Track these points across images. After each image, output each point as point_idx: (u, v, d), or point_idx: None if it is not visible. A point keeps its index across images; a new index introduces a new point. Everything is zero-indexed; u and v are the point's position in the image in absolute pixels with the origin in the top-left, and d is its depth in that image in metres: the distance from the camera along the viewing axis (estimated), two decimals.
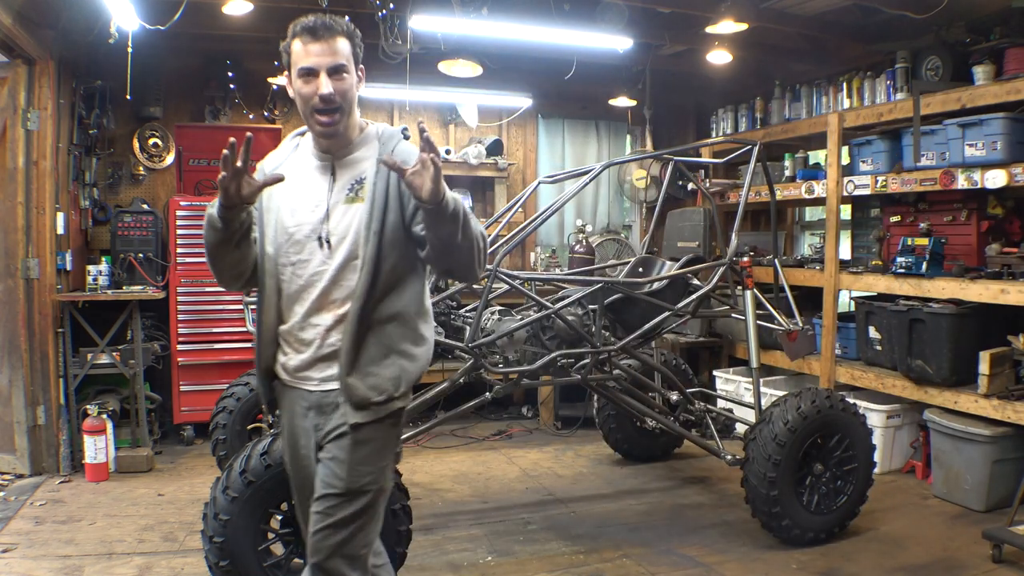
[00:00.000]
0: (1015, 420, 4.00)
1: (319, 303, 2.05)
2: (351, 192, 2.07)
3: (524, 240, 4.44)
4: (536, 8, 4.90)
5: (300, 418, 2.12)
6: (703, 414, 4.52)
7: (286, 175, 2.02)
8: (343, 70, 2.05)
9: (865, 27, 5.41)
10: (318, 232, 2.05)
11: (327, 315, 2.05)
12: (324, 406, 2.08)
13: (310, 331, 2.07)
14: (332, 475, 2.03)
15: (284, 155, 2.19)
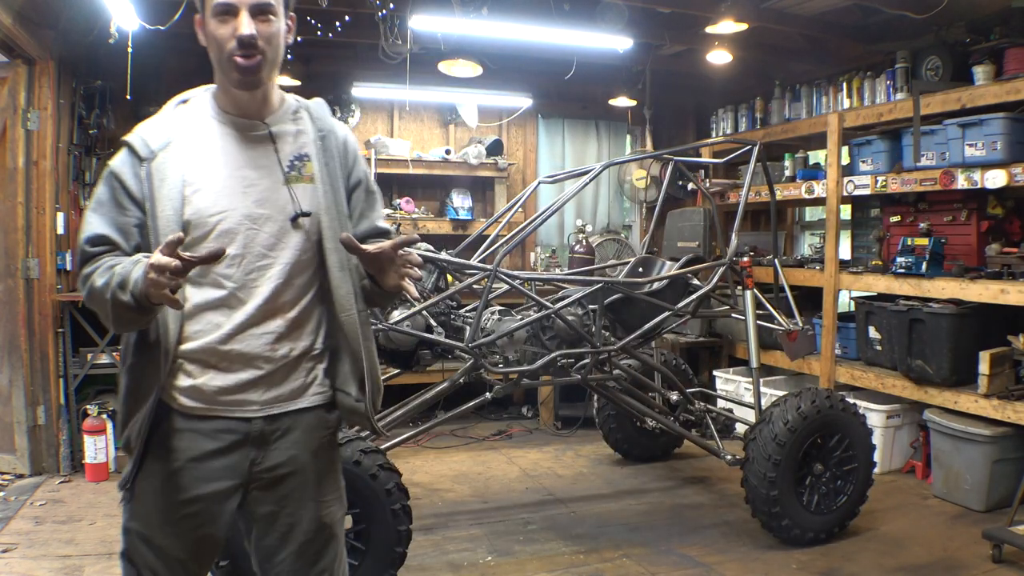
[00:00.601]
0: (1015, 420, 4.00)
1: (267, 308, 1.68)
2: (292, 170, 1.72)
3: (524, 240, 4.44)
4: (536, 8, 4.90)
5: (211, 458, 1.67)
6: (703, 414, 4.52)
7: (187, 153, 1.65)
8: (270, 11, 1.64)
9: (865, 27, 5.41)
10: (257, 219, 1.67)
11: (278, 321, 1.70)
12: (268, 435, 1.70)
13: (251, 343, 1.67)
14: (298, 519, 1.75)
15: (172, 127, 1.68)
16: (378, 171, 6.10)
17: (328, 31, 5.08)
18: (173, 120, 1.70)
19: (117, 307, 1.51)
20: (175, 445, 1.67)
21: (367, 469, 2.91)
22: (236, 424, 1.68)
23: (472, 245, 4.57)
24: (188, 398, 1.67)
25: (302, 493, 1.76)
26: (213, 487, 1.67)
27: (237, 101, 1.70)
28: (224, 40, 1.62)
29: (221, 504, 1.69)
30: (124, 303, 1.49)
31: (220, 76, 1.69)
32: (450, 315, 3.89)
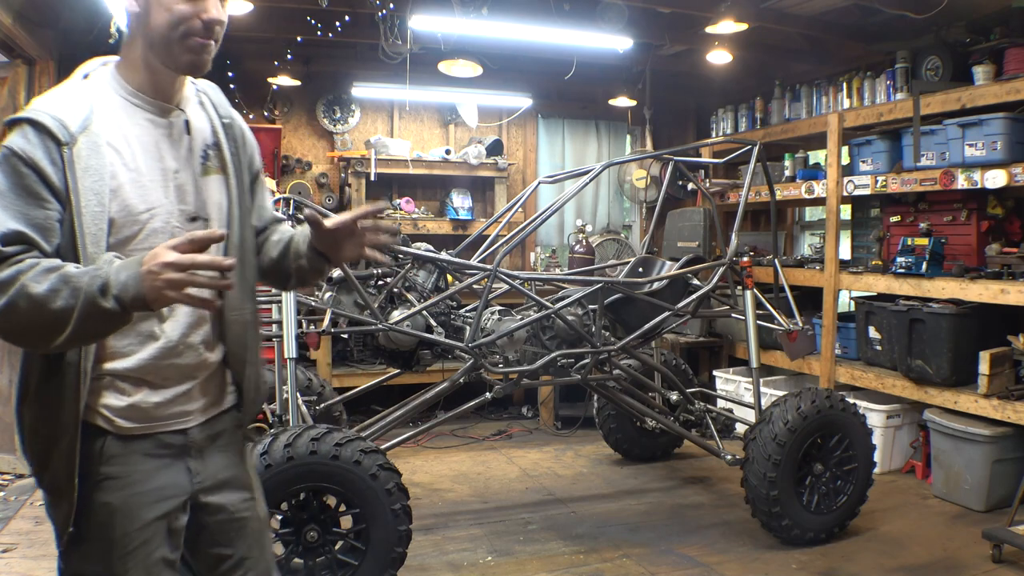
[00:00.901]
0: (1015, 420, 4.00)
1: (197, 313, 1.57)
2: (205, 160, 1.60)
3: (524, 240, 4.44)
4: (536, 8, 4.90)
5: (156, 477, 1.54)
6: (703, 414, 4.52)
7: (107, 138, 1.44)
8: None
9: (865, 27, 5.41)
10: (176, 216, 1.53)
11: (206, 326, 1.60)
12: (204, 442, 1.63)
13: (188, 354, 1.56)
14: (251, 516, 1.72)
15: (86, 106, 1.45)
16: (378, 171, 6.10)
17: (328, 31, 5.08)
18: (84, 98, 1.46)
19: (87, 318, 1.29)
20: (116, 472, 1.50)
21: (367, 469, 2.91)
22: (174, 437, 1.57)
23: (472, 245, 4.57)
24: (125, 419, 1.51)
25: (245, 492, 1.73)
26: (164, 507, 1.55)
27: (158, 83, 1.52)
28: (184, 17, 1.45)
29: (173, 523, 1.58)
30: (104, 311, 1.28)
31: (151, 53, 1.49)
32: (450, 315, 3.89)
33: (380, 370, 5.48)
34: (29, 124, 1.37)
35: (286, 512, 2.94)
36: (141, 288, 1.28)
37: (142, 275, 1.28)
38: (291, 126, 6.39)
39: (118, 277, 1.30)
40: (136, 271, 1.29)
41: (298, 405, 3.52)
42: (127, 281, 1.29)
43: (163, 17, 1.45)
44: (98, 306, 1.28)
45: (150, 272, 1.28)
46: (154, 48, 1.48)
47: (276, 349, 3.81)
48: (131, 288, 1.28)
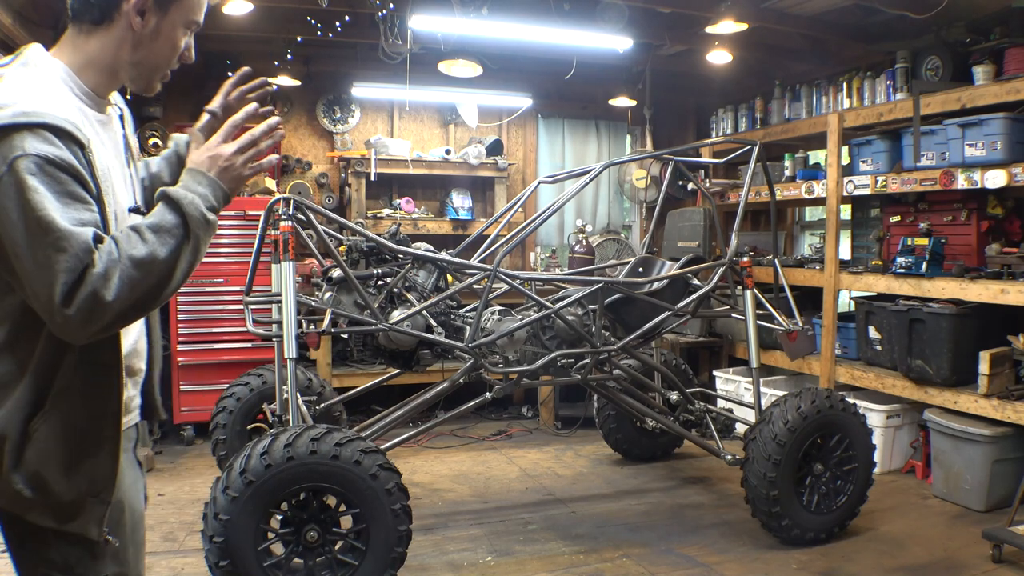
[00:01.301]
0: (1015, 420, 4.00)
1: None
2: (127, 152, 1.62)
3: (524, 240, 4.44)
4: (536, 8, 4.90)
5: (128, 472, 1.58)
6: (703, 414, 4.52)
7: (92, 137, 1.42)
8: None
9: (865, 27, 5.41)
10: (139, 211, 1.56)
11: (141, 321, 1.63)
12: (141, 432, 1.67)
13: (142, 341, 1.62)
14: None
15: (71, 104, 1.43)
16: (378, 171, 6.10)
17: (328, 31, 5.08)
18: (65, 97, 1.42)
19: (202, 241, 1.40)
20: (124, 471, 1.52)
21: (367, 469, 2.91)
22: (133, 431, 1.60)
23: (472, 245, 4.57)
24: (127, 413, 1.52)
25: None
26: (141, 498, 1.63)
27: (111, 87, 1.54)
28: (177, 51, 1.54)
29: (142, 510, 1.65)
30: (211, 226, 1.41)
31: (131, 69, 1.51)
32: (450, 315, 3.89)
33: (380, 370, 5.48)
34: (48, 129, 1.31)
35: (286, 512, 2.94)
36: (223, 186, 1.41)
37: (219, 176, 1.42)
38: (291, 126, 6.39)
39: (201, 190, 1.39)
40: (209, 177, 1.41)
41: (298, 405, 3.51)
42: (210, 190, 1.40)
43: (167, 51, 1.52)
44: (208, 225, 1.39)
45: (224, 169, 1.42)
46: (138, 67, 1.51)
47: (276, 349, 3.80)
48: (218, 192, 1.41)
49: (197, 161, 1.45)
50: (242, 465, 2.82)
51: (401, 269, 3.76)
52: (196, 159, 1.46)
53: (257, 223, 3.77)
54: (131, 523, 1.56)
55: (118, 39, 1.47)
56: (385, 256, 3.79)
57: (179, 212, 1.37)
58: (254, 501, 2.80)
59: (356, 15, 5.03)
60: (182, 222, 1.36)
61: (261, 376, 4.35)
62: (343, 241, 3.85)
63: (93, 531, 1.44)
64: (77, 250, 1.26)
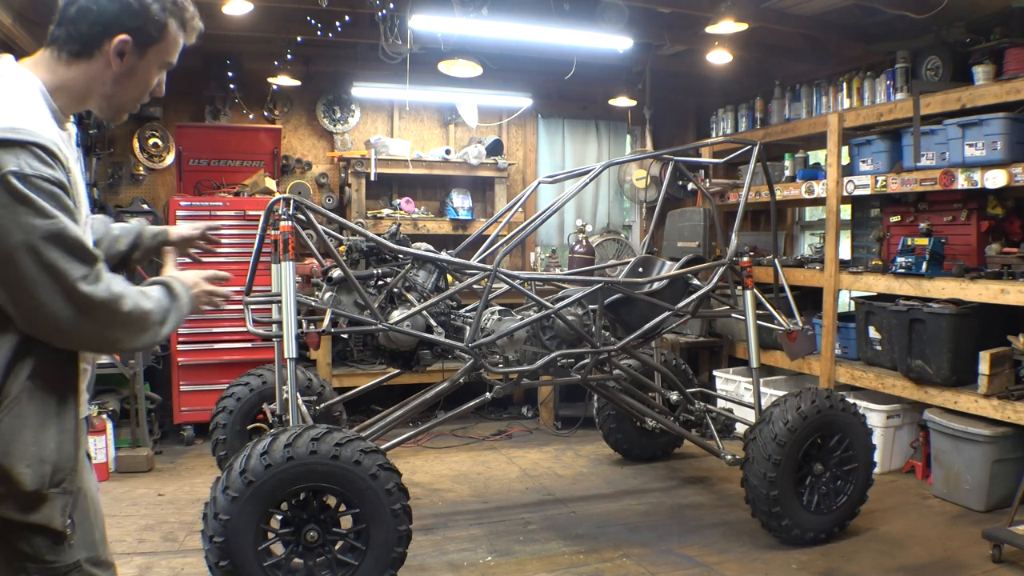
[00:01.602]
0: (1015, 420, 4.00)
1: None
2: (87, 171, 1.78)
3: (524, 240, 4.44)
4: (536, 8, 4.90)
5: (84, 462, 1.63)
6: (703, 414, 4.52)
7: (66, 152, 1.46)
8: None
9: (865, 27, 5.41)
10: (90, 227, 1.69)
11: None
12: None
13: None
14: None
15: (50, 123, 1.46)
16: (378, 171, 6.10)
17: (328, 31, 5.08)
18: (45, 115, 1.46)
19: (177, 324, 1.67)
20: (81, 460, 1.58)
21: (367, 469, 2.91)
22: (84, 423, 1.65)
23: (472, 245, 4.57)
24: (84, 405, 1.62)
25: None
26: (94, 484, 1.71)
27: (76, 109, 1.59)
28: (148, 88, 1.64)
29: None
30: (180, 323, 1.69)
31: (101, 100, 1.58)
32: (450, 315, 3.89)
33: (380, 370, 5.48)
34: (40, 148, 1.37)
35: (286, 512, 2.94)
36: (194, 305, 1.74)
37: (194, 297, 1.74)
38: (291, 126, 6.39)
39: (187, 299, 1.70)
40: (191, 295, 1.73)
41: (298, 405, 3.51)
42: (189, 302, 1.71)
43: (140, 89, 1.62)
44: (179, 323, 1.67)
45: (198, 295, 1.76)
46: (110, 101, 1.59)
47: (276, 349, 3.80)
48: (191, 306, 1.72)
49: (187, 281, 1.74)
50: (242, 465, 2.82)
51: (401, 269, 3.76)
52: (186, 278, 1.74)
53: (257, 223, 3.77)
54: (92, 508, 1.63)
55: (94, 74, 1.53)
56: (385, 256, 3.79)
57: (175, 302, 1.65)
58: (254, 501, 2.80)
59: (356, 15, 5.03)
60: (173, 308, 1.64)
61: (261, 376, 4.35)
62: (343, 241, 3.85)
63: (57, 520, 1.48)
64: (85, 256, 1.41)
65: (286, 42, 5.51)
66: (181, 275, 1.76)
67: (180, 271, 1.80)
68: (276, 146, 6.01)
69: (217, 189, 5.74)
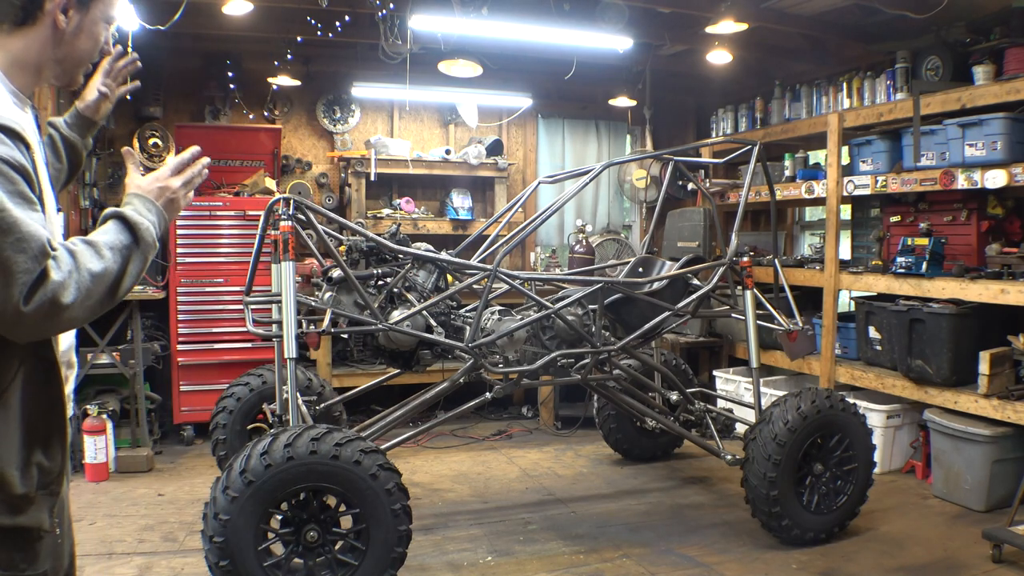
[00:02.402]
0: (1015, 420, 4.00)
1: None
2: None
3: (524, 240, 4.44)
4: (536, 8, 4.90)
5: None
6: (703, 414, 4.52)
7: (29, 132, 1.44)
8: None
9: (865, 27, 5.41)
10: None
11: None
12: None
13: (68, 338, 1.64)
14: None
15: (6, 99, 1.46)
16: (378, 171, 6.10)
17: (328, 31, 5.08)
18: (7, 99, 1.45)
19: (146, 261, 1.49)
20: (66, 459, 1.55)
21: (367, 469, 2.91)
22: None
23: (472, 245, 4.57)
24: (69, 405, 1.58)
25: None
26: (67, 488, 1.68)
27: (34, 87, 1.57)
28: (98, 45, 1.59)
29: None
30: (155, 248, 1.51)
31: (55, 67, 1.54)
32: (450, 315, 3.89)
33: (380, 370, 5.48)
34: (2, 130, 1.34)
35: (286, 512, 2.94)
36: (167, 215, 1.55)
37: (165, 206, 1.55)
38: (291, 126, 6.39)
39: (151, 218, 1.50)
40: (158, 207, 1.53)
41: (298, 405, 3.51)
42: (157, 219, 1.52)
43: (89, 46, 1.57)
44: (154, 248, 1.49)
45: (171, 201, 1.56)
46: (63, 64, 1.55)
47: (276, 349, 3.80)
48: (163, 220, 1.53)
49: (145, 188, 1.54)
50: (242, 465, 2.82)
51: (401, 269, 3.76)
52: (144, 186, 1.55)
53: (257, 223, 3.77)
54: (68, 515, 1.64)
55: (42, 38, 1.50)
56: (385, 256, 3.79)
57: (133, 234, 1.46)
58: (254, 501, 2.80)
59: (356, 15, 5.03)
60: (134, 243, 1.46)
61: (261, 376, 4.35)
62: (343, 241, 3.85)
63: (46, 521, 1.47)
64: (36, 252, 1.29)
65: (286, 42, 5.51)
66: (142, 185, 1.55)
67: (140, 177, 1.57)
68: (276, 146, 6.01)
69: (217, 189, 5.74)
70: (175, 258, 5.34)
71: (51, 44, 1.51)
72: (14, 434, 1.41)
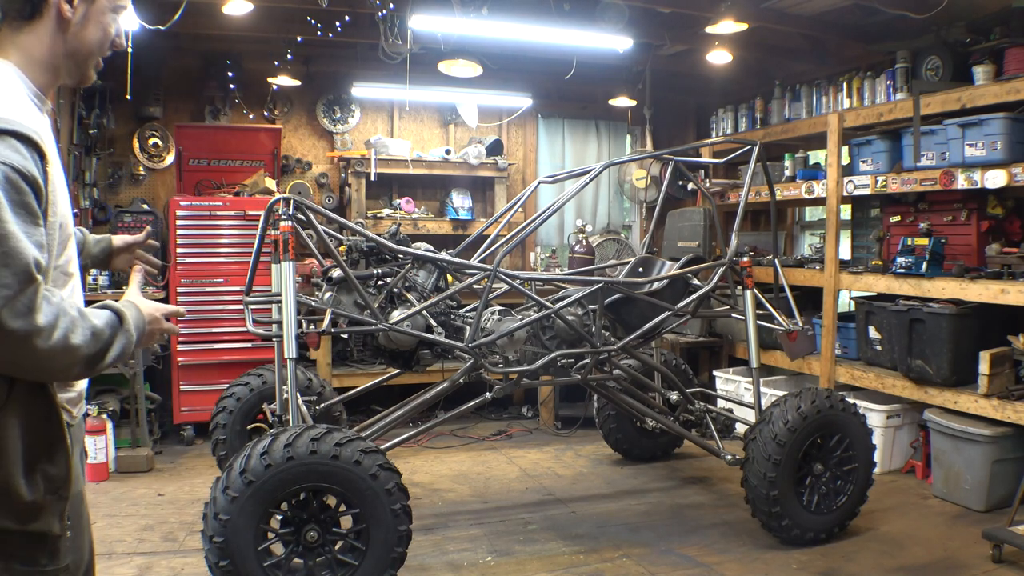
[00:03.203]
0: (1015, 420, 4.00)
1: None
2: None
3: (524, 240, 4.44)
4: (536, 8, 4.90)
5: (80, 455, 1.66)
6: (703, 414, 4.52)
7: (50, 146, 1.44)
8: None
9: (865, 27, 5.41)
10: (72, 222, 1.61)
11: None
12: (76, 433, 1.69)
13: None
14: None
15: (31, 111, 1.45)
16: (378, 171, 6.10)
17: (328, 31, 5.08)
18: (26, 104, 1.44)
19: (122, 356, 1.50)
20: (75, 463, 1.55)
21: (367, 469, 2.91)
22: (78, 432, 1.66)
23: (472, 245, 4.57)
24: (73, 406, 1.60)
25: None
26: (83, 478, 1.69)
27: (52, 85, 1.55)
28: (108, 36, 1.56)
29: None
30: (125, 354, 1.51)
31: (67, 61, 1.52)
32: (450, 315, 3.89)
33: (380, 370, 5.48)
34: (17, 138, 1.31)
35: (286, 512, 2.94)
36: (144, 337, 1.58)
37: (149, 332, 1.59)
38: (291, 126, 6.39)
39: (136, 329, 1.53)
40: (142, 328, 1.56)
41: (298, 405, 3.51)
42: (137, 334, 1.53)
43: (98, 36, 1.53)
44: (123, 355, 1.49)
45: (150, 333, 1.60)
46: (74, 57, 1.52)
47: (276, 349, 3.80)
48: (138, 338, 1.54)
49: (145, 312, 1.59)
50: (242, 465, 2.82)
51: (401, 269, 3.76)
52: (146, 308, 1.60)
53: (257, 223, 3.77)
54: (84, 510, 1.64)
55: (51, 31, 1.48)
56: (385, 256, 3.79)
57: (119, 330, 1.48)
58: (254, 501, 2.80)
59: (356, 15, 5.03)
60: (116, 335, 1.47)
61: (261, 376, 4.35)
62: (343, 241, 3.85)
63: (56, 526, 1.47)
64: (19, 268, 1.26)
65: (286, 42, 5.51)
66: (143, 305, 1.59)
67: (142, 298, 1.63)
68: (276, 146, 6.01)
69: (217, 189, 5.74)
70: (175, 258, 5.34)
71: (60, 37, 1.49)
72: (15, 445, 1.39)
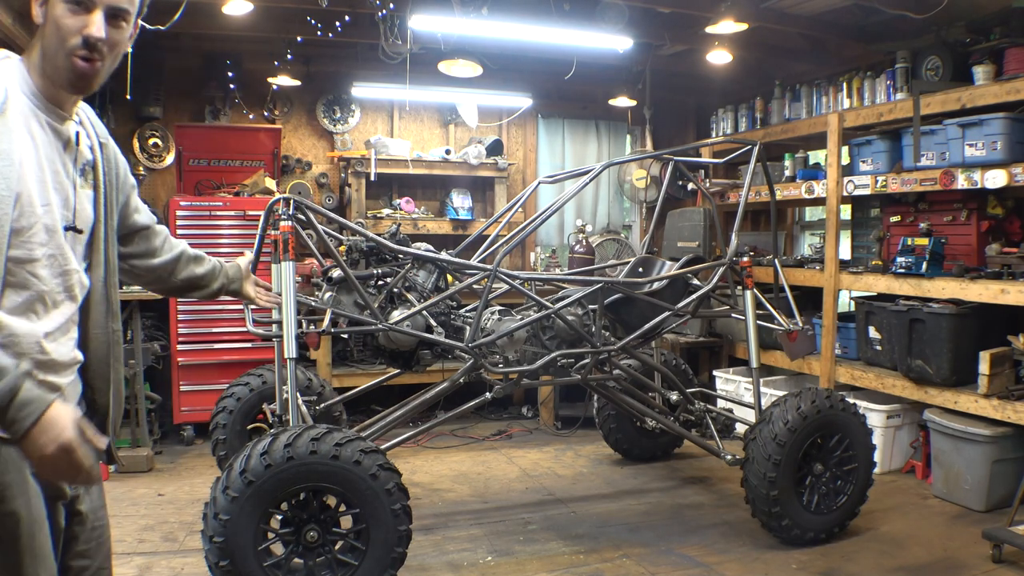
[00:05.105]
0: (1015, 420, 4.00)
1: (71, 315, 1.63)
2: (82, 175, 1.63)
3: (524, 240, 4.44)
4: (536, 8, 4.90)
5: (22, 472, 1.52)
6: (703, 414, 4.52)
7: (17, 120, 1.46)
8: (124, 17, 1.54)
9: (865, 27, 5.41)
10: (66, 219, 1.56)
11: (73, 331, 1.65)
12: None
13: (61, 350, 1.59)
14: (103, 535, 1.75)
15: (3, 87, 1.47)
16: (378, 171, 6.10)
17: (328, 31, 5.08)
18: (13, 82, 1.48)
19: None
20: (13, 480, 1.47)
21: (367, 469, 2.91)
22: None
23: (472, 245, 4.57)
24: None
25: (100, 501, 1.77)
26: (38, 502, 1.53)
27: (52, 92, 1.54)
28: (69, 33, 1.47)
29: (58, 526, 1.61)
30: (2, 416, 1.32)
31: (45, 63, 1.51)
32: (450, 315, 3.89)
33: (380, 370, 5.48)
34: None
35: (286, 512, 2.94)
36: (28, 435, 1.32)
37: (38, 431, 1.31)
38: (291, 126, 6.39)
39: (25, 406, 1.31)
40: (37, 419, 1.31)
41: (298, 405, 3.51)
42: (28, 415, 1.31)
43: (52, 31, 1.49)
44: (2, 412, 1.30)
45: (45, 441, 1.32)
46: (46, 59, 1.51)
47: (276, 349, 3.80)
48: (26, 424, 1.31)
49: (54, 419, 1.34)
50: (242, 465, 2.82)
51: (401, 269, 3.76)
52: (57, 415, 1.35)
53: (257, 223, 3.77)
54: (27, 532, 1.49)
55: (35, 39, 1.53)
56: (385, 256, 3.79)
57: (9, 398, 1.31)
58: (254, 501, 2.80)
59: (356, 15, 5.03)
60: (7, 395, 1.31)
61: (261, 376, 4.35)
62: (343, 241, 3.85)
63: None
64: None
65: (286, 42, 5.51)
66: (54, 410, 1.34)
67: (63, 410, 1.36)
68: (276, 146, 6.01)
69: (217, 189, 5.74)
70: None
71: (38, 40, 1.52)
72: None
